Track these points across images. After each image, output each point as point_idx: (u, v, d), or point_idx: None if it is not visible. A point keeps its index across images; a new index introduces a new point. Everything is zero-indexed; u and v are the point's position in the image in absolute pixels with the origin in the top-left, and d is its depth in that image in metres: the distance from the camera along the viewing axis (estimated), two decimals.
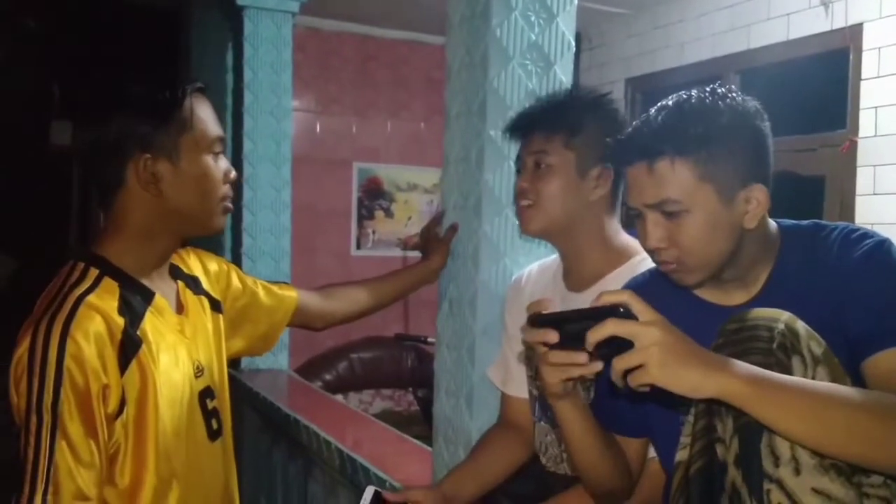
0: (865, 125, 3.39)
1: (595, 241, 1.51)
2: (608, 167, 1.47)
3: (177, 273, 1.45)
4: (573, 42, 1.73)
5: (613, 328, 0.95)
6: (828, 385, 0.99)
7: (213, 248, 1.84)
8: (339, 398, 4.14)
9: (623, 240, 1.53)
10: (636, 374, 0.95)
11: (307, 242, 4.73)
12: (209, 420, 1.41)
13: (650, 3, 4.40)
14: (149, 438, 1.26)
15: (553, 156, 1.48)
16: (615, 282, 1.42)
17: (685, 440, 1.09)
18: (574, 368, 1.04)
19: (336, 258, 5.03)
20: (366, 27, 5.03)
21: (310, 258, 4.75)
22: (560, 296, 1.54)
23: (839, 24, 3.48)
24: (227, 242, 3.64)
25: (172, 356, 1.32)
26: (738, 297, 1.19)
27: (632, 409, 1.25)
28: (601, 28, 4.82)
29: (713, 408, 1.03)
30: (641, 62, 4.58)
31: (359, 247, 5.16)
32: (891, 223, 3.23)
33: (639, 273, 1.35)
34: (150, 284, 1.34)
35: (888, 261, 1.09)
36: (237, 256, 3.39)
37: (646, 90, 4.59)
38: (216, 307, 1.51)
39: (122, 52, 4.91)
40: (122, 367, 1.22)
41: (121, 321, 1.24)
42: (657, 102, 1.16)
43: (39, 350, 1.16)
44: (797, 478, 0.98)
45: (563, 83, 1.71)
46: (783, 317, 1.04)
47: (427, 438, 1.96)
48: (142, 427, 1.26)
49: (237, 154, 3.35)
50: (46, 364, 1.15)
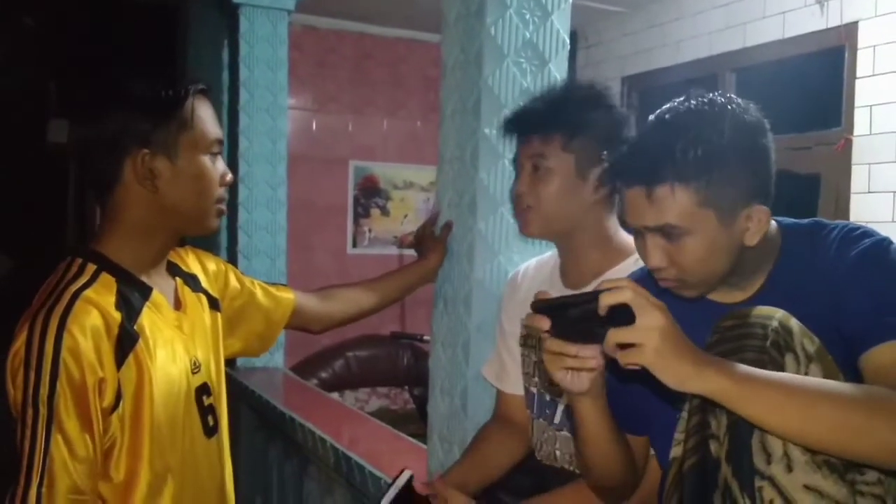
0: (860, 123, 3.40)
1: (594, 240, 1.51)
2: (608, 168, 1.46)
3: (175, 271, 1.45)
4: (568, 40, 1.73)
5: (630, 295, 0.95)
6: (817, 381, 0.99)
7: (209, 246, 1.84)
8: (335, 396, 4.15)
9: (622, 237, 1.52)
10: (630, 352, 0.95)
11: (303, 240, 4.73)
12: (205, 417, 1.41)
13: (646, 2, 4.40)
14: (144, 433, 1.26)
15: (551, 159, 1.46)
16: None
17: (679, 436, 1.09)
18: (570, 359, 1.03)
19: (332, 256, 5.03)
20: (362, 25, 5.02)
21: (306, 256, 4.75)
22: (557, 292, 1.53)
23: (834, 23, 3.48)
24: (223, 240, 3.63)
25: (169, 352, 1.33)
26: (737, 296, 1.18)
27: (635, 407, 1.24)
28: (597, 26, 4.82)
29: (707, 404, 1.03)
30: (637, 60, 4.58)
31: (355, 245, 5.15)
32: (885, 221, 3.24)
33: (637, 269, 1.35)
34: (148, 280, 1.34)
35: (885, 258, 1.08)
36: (233, 254, 3.38)
37: (642, 88, 4.60)
38: (214, 305, 1.51)
39: (119, 50, 4.90)
40: (119, 362, 1.23)
41: (118, 316, 1.24)
42: (653, 101, 1.14)
43: (36, 343, 1.16)
44: (789, 474, 0.99)
45: (558, 81, 1.71)
46: (777, 314, 1.04)
47: (423, 437, 1.96)
48: (137, 421, 1.26)
49: (233, 152, 3.33)
50: (43, 357, 1.16)
